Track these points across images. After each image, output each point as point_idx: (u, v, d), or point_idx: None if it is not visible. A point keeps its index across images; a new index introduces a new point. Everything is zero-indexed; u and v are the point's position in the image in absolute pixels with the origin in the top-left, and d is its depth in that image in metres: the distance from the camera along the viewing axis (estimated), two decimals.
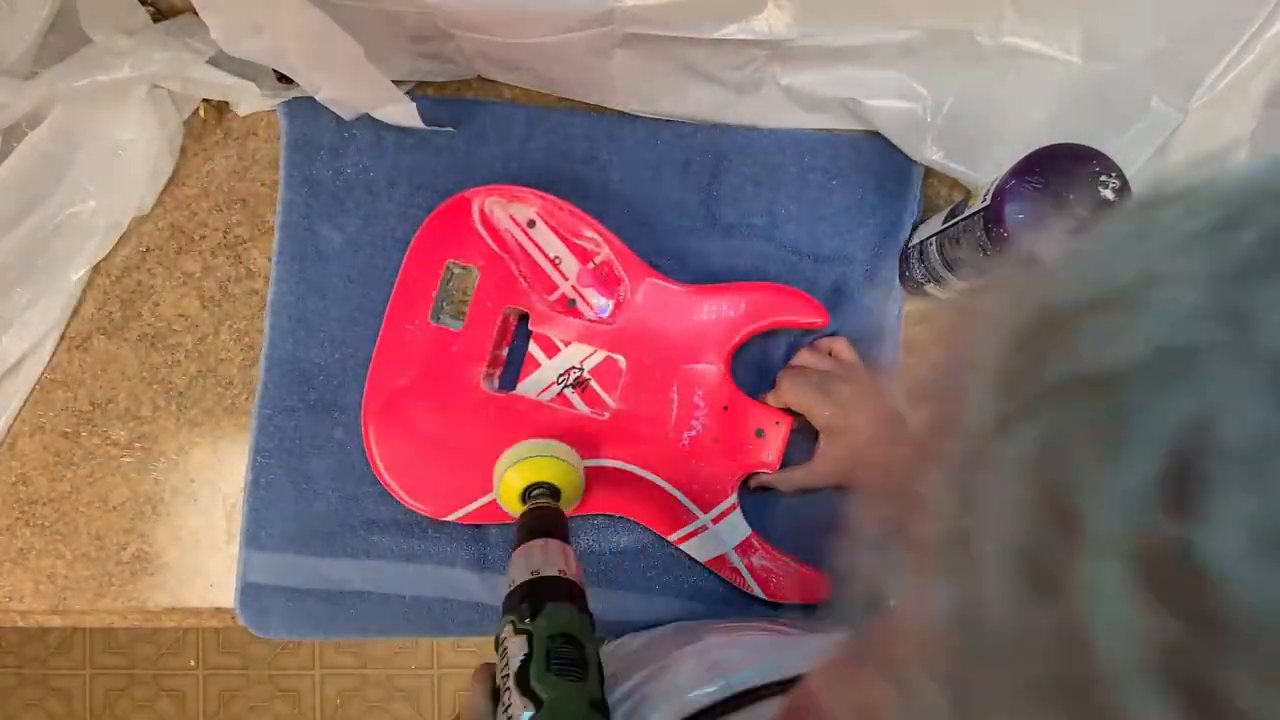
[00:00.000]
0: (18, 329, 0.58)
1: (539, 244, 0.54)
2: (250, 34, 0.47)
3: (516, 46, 0.50)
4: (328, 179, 0.57)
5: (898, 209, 0.56)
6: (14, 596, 0.59)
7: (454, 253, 0.54)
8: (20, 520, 0.59)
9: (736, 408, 0.53)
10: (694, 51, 0.49)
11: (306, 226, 0.57)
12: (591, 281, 0.54)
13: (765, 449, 0.53)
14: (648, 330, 0.53)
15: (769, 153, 0.56)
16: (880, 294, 0.56)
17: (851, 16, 0.48)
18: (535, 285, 0.54)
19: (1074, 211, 0.39)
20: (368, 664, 1.51)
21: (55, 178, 0.56)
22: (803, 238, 0.56)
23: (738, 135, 0.57)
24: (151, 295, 0.59)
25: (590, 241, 0.54)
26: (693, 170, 0.57)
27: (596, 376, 0.54)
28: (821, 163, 0.56)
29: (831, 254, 0.56)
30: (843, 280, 0.56)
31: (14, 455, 0.59)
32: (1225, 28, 0.47)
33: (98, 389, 0.59)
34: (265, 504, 0.56)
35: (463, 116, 0.57)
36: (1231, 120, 0.50)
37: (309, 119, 0.57)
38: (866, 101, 0.53)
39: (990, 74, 0.51)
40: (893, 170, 0.56)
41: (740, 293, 0.53)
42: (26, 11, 0.48)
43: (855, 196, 0.56)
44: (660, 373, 0.53)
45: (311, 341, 0.56)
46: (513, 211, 0.54)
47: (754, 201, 0.56)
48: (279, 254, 0.57)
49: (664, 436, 0.53)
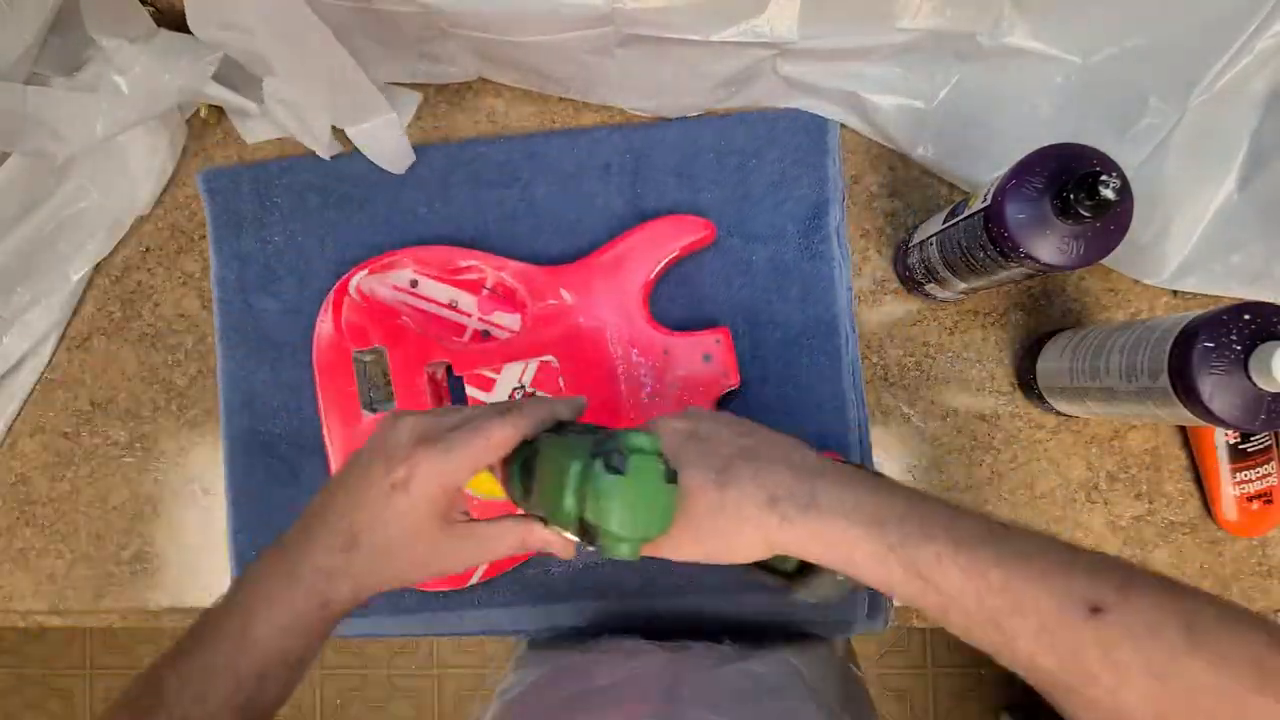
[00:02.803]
0: (18, 329, 0.58)
1: (429, 298, 0.55)
2: (219, 27, 0.47)
3: (517, 46, 0.50)
4: (256, 250, 0.58)
5: (820, 178, 0.56)
6: (14, 596, 0.59)
7: (354, 343, 0.54)
8: (20, 520, 0.59)
9: (673, 347, 0.54)
10: (695, 51, 0.49)
11: (243, 300, 0.57)
12: (494, 305, 0.55)
13: (720, 370, 0.53)
14: (561, 319, 0.54)
15: (685, 142, 0.57)
16: (820, 267, 0.56)
17: (853, 18, 0.48)
18: (444, 335, 0.55)
19: (1074, 211, 0.39)
20: (368, 664, 1.51)
21: (55, 178, 0.56)
22: (731, 219, 0.56)
23: (652, 130, 0.57)
24: (151, 295, 0.59)
25: (474, 271, 0.55)
26: (614, 172, 0.57)
27: (539, 385, 0.55)
28: (738, 144, 0.56)
29: (762, 232, 0.56)
30: (778, 256, 0.56)
31: (14, 455, 0.59)
32: (1225, 28, 0.47)
33: (98, 389, 0.59)
34: None
35: (378, 166, 0.57)
36: (1231, 120, 0.50)
37: (229, 192, 0.58)
38: (866, 96, 0.53)
39: (990, 73, 0.51)
40: (808, 141, 0.56)
41: (625, 243, 0.54)
42: (26, 12, 0.47)
43: (776, 172, 0.56)
44: (591, 352, 0.54)
45: (266, 413, 0.57)
46: (391, 280, 0.55)
47: (678, 192, 0.57)
48: (220, 331, 0.57)
49: (624, 406, 0.54)
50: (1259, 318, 0.39)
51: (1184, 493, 0.56)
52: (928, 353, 0.57)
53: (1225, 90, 0.48)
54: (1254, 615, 0.27)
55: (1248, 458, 0.53)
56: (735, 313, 0.56)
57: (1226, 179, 0.51)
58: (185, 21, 0.49)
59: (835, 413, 0.55)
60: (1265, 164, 0.50)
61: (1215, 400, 0.39)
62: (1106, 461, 0.56)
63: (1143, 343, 0.43)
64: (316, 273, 0.57)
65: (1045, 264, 0.42)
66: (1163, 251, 0.53)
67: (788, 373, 0.55)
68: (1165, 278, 0.54)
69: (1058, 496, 0.56)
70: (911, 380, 0.57)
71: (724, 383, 0.53)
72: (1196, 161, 0.51)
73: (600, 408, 0.54)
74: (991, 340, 0.56)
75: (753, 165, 0.56)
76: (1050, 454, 0.56)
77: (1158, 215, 0.52)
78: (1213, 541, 0.56)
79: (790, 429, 0.54)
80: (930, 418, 0.56)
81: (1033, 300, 0.56)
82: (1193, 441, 0.55)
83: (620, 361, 0.54)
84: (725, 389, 0.54)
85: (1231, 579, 0.56)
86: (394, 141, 0.55)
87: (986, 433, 0.56)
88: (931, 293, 0.54)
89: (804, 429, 0.55)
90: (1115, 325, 0.48)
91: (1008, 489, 0.56)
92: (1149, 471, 0.56)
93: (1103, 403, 0.48)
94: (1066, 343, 0.51)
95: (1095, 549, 0.30)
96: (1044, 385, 0.53)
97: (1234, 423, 0.39)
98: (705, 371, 0.53)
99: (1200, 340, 0.39)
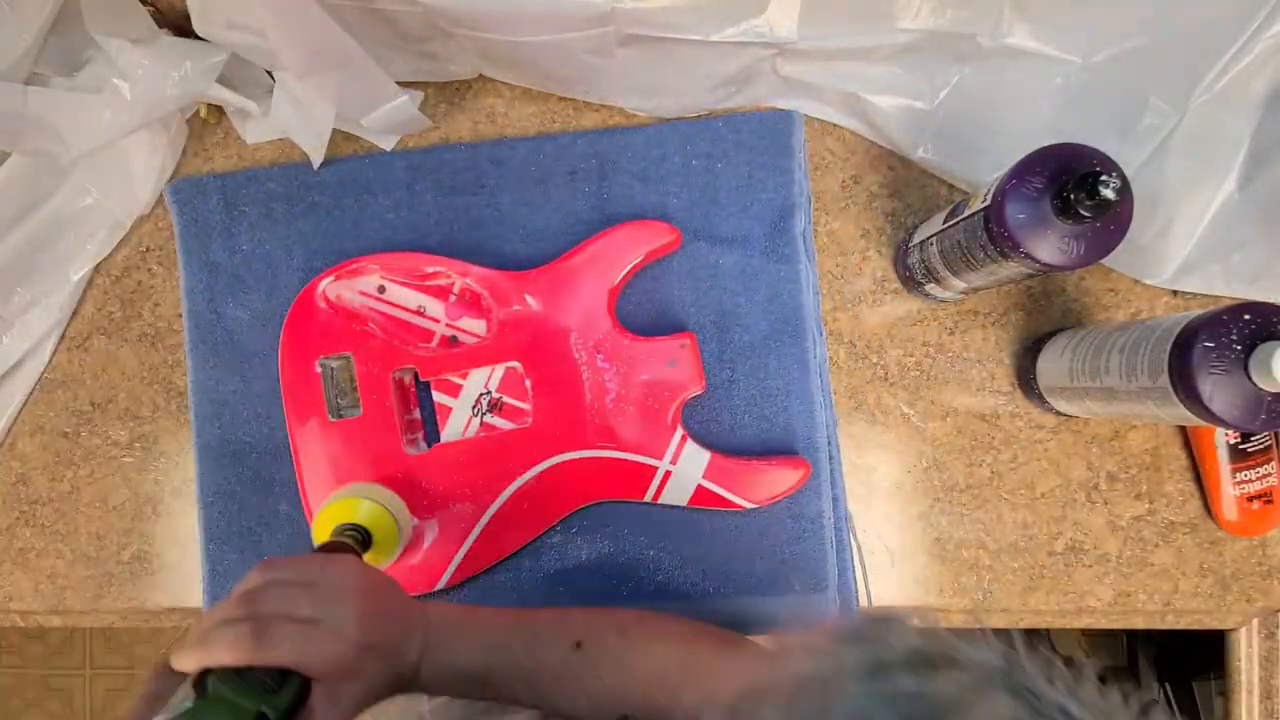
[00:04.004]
0: (18, 329, 0.58)
1: (397, 303, 0.55)
2: (226, 27, 0.47)
3: (517, 46, 0.50)
4: (225, 259, 0.58)
5: (785, 181, 0.56)
6: (14, 596, 0.59)
7: (320, 350, 0.54)
8: (20, 520, 0.59)
9: (639, 352, 0.54)
10: (695, 51, 0.49)
11: (212, 310, 0.57)
12: (461, 311, 0.55)
13: (686, 375, 0.53)
14: (526, 325, 0.54)
15: (650, 148, 0.57)
16: (786, 269, 0.56)
17: (853, 19, 0.48)
18: (411, 341, 0.55)
19: (1074, 211, 0.39)
20: None
21: (56, 178, 0.56)
22: (698, 223, 0.56)
23: (618, 136, 0.57)
24: (151, 295, 0.59)
25: (441, 276, 0.55)
26: (579, 178, 0.57)
27: (505, 391, 0.55)
28: (703, 149, 0.57)
29: (729, 235, 0.56)
30: (745, 260, 0.56)
31: (14, 455, 0.59)
32: (1225, 28, 0.47)
33: (98, 389, 0.59)
34: (225, 590, 0.56)
35: (344, 174, 0.57)
36: (1231, 120, 0.50)
37: (198, 203, 0.58)
38: (865, 96, 0.53)
39: (990, 74, 0.51)
40: (773, 144, 0.56)
41: (590, 248, 0.54)
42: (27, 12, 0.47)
43: (742, 175, 0.56)
44: (556, 358, 0.54)
45: (237, 421, 0.57)
46: (359, 286, 0.55)
47: (644, 197, 0.57)
48: (190, 341, 0.58)
49: (589, 410, 0.54)
50: (1259, 318, 0.39)
51: (1184, 493, 0.56)
52: (928, 353, 0.57)
53: (1225, 90, 0.48)
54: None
55: (1248, 458, 0.53)
56: (703, 316, 0.56)
57: (1227, 179, 0.51)
58: (186, 22, 0.49)
59: (803, 415, 0.55)
60: (1265, 164, 0.50)
61: (1215, 400, 0.39)
62: (1107, 461, 0.56)
63: (1143, 343, 0.43)
64: (285, 281, 0.57)
65: (1045, 264, 0.42)
66: (1163, 251, 0.53)
67: (755, 375, 0.55)
68: (1165, 278, 0.54)
69: (1058, 496, 0.56)
70: (911, 380, 0.57)
71: (690, 387, 0.53)
72: (1197, 161, 0.51)
73: (565, 414, 0.54)
74: (991, 340, 0.56)
75: (719, 169, 0.56)
76: (1050, 454, 0.56)
77: (1158, 215, 0.52)
78: (1213, 541, 0.56)
79: (759, 430, 0.55)
80: (930, 418, 0.56)
81: (1033, 300, 0.56)
82: (1193, 441, 0.55)
83: (585, 367, 0.54)
84: (691, 394, 0.54)
85: (1231, 579, 0.56)
86: (409, 120, 0.55)
87: (986, 433, 0.56)
88: (931, 293, 0.54)
89: (773, 430, 0.55)
90: (1115, 325, 0.48)
91: (1008, 489, 0.56)
92: (1149, 471, 0.56)
93: (1103, 403, 0.48)
94: (1066, 343, 0.51)
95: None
96: (1044, 385, 0.53)
97: (1234, 423, 0.39)
98: (671, 376, 0.53)
99: (1200, 340, 0.39)
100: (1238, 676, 0.58)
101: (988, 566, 0.56)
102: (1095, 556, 0.56)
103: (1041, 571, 0.56)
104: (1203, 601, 0.56)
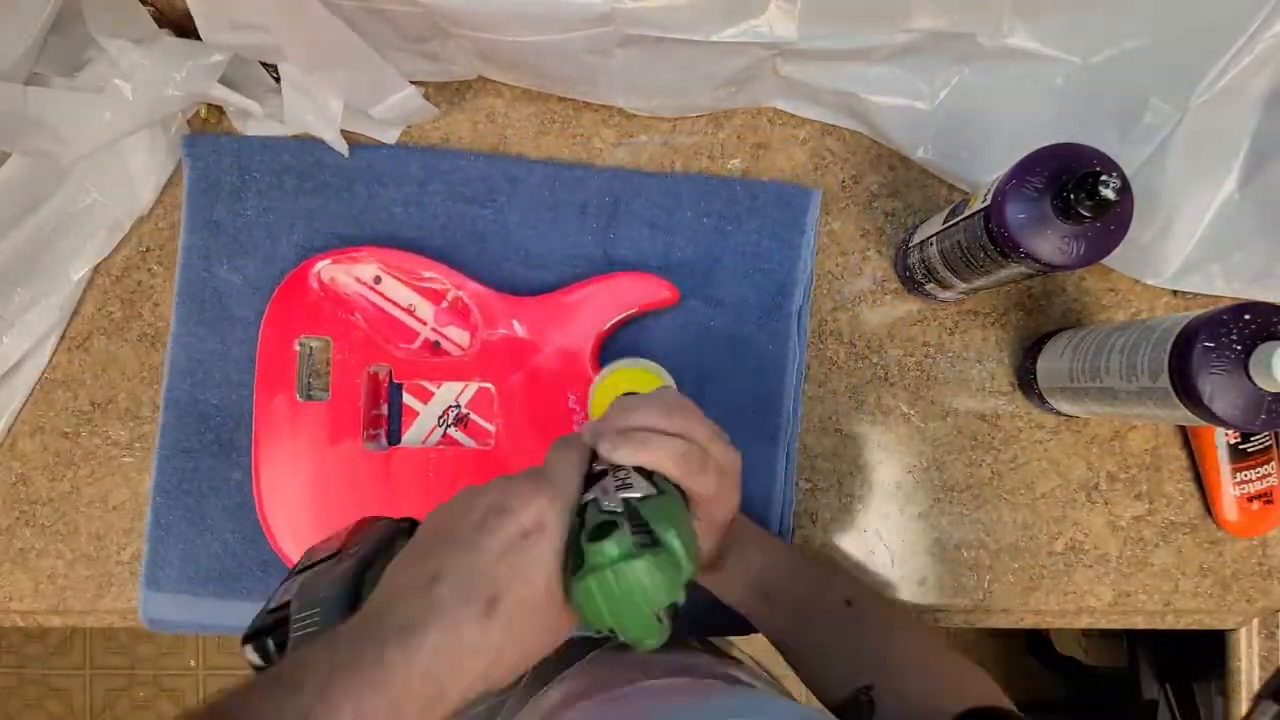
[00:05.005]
0: (18, 329, 0.57)
1: (389, 297, 0.55)
2: (230, 29, 0.47)
3: (517, 46, 0.50)
4: (228, 220, 0.57)
5: (791, 257, 0.56)
6: (14, 596, 0.59)
7: (303, 328, 0.54)
8: (20, 520, 0.59)
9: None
10: (695, 51, 0.49)
11: (206, 268, 0.57)
12: (450, 319, 0.55)
13: None
14: (508, 350, 0.54)
15: (665, 196, 0.56)
16: (774, 346, 0.55)
17: (853, 19, 0.48)
18: (393, 338, 0.55)
19: (1074, 211, 0.39)
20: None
21: (56, 178, 0.56)
22: (698, 280, 0.56)
23: (634, 178, 0.57)
24: (151, 295, 0.59)
25: (438, 281, 0.55)
26: (589, 213, 0.57)
27: (473, 409, 0.55)
28: (717, 207, 0.56)
29: (725, 299, 0.56)
30: (736, 327, 0.56)
31: (14, 455, 0.59)
32: (1225, 28, 0.47)
33: (98, 389, 0.59)
34: (164, 544, 0.56)
35: (361, 161, 0.57)
36: (1231, 120, 0.50)
37: (212, 160, 0.57)
38: (865, 96, 0.53)
39: (990, 74, 0.51)
40: (788, 214, 0.56)
41: (585, 290, 0.54)
42: (27, 13, 0.47)
43: (750, 242, 0.56)
44: (529, 389, 0.54)
45: (209, 383, 0.57)
46: (356, 273, 0.55)
47: (650, 244, 0.56)
48: (179, 295, 0.57)
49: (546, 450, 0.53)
50: (1259, 318, 0.39)
51: (1184, 493, 0.56)
52: (928, 353, 0.57)
53: (1225, 90, 0.48)
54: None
55: (1248, 458, 0.53)
56: (683, 372, 0.54)
57: (1227, 179, 0.51)
58: (187, 21, 0.49)
59: (761, 488, 0.55)
60: (1265, 164, 0.50)
61: (1215, 400, 0.39)
62: (1107, 461, 0.56)
63: (1143, 343, 0.43)
64: (282, 254, 0.57)
65: (1045, 264, 0.42)
66: (1163, 251, 0.53)
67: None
68: (1166, 278, 0.54)
69: (1058, 496, 0.56)
70: (911, 380, 0.57)
71: None
72: (1197, 161, 0.51)
73: (528, 445, 0.54)
74: (991, 340, 0.56)
75: (729, 230, 0.56)
76: (1050, 454, 0.56)
77: (1158, 215, 0.52)
78: (1213, 541, 0.56)
79: None
80: (930, 418, 0.56)
81: (1033, 300, 0.56)
82: (1193, 442, 0.55)
83: (556, 404, 0.54)
84: None
85: (1231, 579, 0.56)
86: (418, 110, 0.55)
87: (986, 433, 0.56)
88: (931, 293, 0.54)
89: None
90: (1115, 325, 0.48)
91: (1008, 489, 0.56)
92: (1149, 471, 0.56)
93: (1103, 403, 0.48)
94: (1066, 343, 0.51)
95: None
96: (1044, 385, 0.53)
97: (1234, 423, 0.39)
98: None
99: (1200, 340, 0.39)
100: (1238, 676, 0.58)
101: (988, 566, 0.56)
102: (1095, 556, 0.56)
103: (1041, 571, 0.56)
104: (1203, 601, 0.56)
